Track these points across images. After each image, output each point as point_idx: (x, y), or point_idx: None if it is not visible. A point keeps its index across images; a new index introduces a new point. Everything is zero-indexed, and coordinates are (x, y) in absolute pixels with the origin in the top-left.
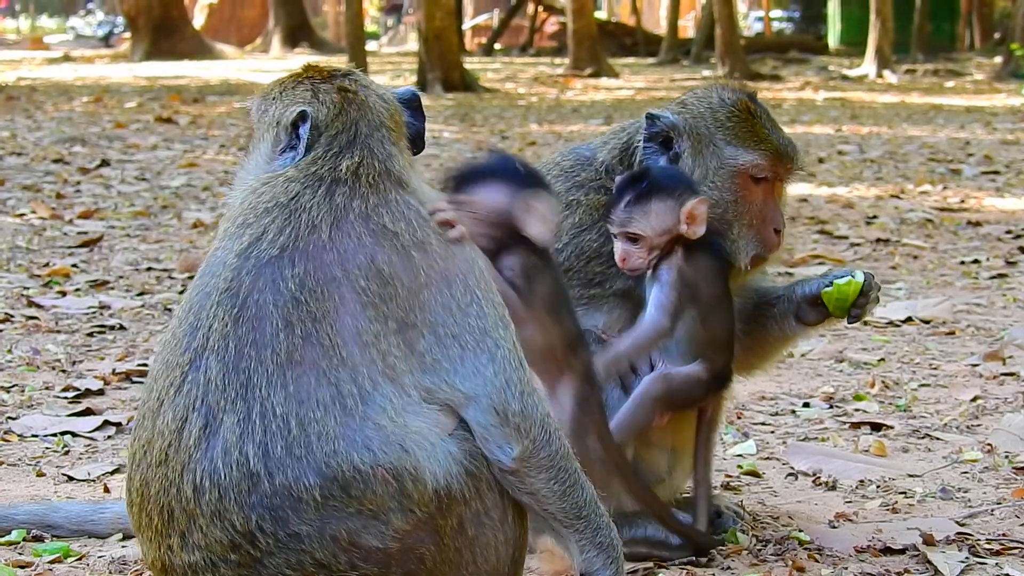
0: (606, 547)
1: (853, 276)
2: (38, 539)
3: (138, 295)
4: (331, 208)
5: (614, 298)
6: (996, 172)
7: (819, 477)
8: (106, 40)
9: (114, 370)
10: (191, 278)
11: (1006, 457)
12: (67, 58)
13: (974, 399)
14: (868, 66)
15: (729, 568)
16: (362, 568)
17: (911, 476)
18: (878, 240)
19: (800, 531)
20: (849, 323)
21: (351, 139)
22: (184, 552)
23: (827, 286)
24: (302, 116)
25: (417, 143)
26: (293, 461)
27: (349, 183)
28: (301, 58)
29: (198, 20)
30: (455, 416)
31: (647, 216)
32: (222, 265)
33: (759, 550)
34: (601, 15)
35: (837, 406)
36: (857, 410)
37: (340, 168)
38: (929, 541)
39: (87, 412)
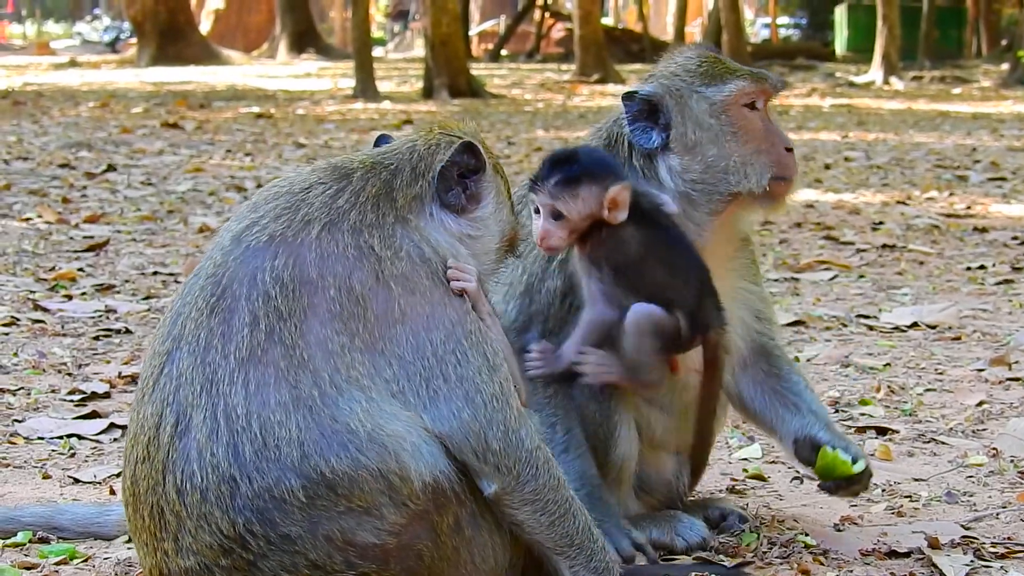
0: (601, 572)
1: (856, 461)
2: (44, 541)
3: (144, 299)
4: (330, 209)
5: None
6: (1003, 178)
7: None
8: (112, 45)
9: (120, 373)
10: None
11: (1011, 461)
12: (73, 63)
13: (980, 404)
14: (875, 72)
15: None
16: (360, 566)
17: (916, 480)
18: (884, 246)
19: (805, 534)
20: (820, 488)
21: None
22: (179, 557)
23: (831, 447)
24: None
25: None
26: (267, 464)
27: (354, 188)
28: (307, 64)
29: (204, 26)
30: None
31: (575, 199)
32: (219, 246)
33: (764, 553)
34: (608, 21)
35: (843, 410)
36: (863, 414)
37: (353, 167)
38: (934, 544)
39: (93, 415)
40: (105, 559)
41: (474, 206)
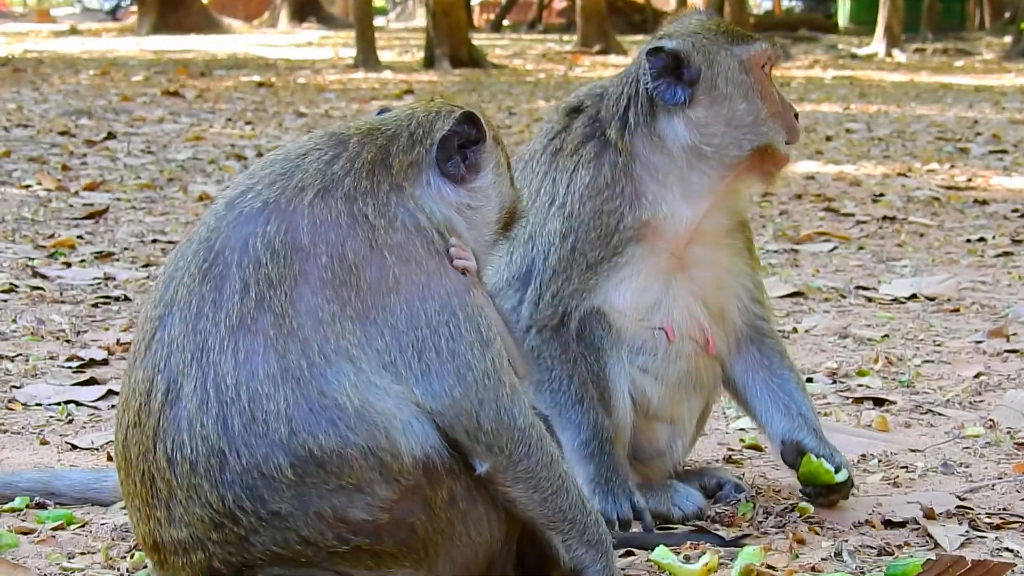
0: (595, 544)
1: (839, 471)
2: (41, 506)
3: (143, 267)
4: (324, 175)
5: (632, 248)
6: (1004, 151)
7: None
8: (113, 13)
9: (118, 340)
10: None
11: (1008, 433)
12: (74, 31)
13: (977, 375)
14: (877, 45)
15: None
16: (353, 541)
17: (913, 451)
18: (884, 218)
19: (801, 504)
20: (801, 493)
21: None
22: (172, 528)
23: (816, 455)
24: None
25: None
26: (255, 439)
27: (350, 154)
28: (308, 33)
29: None
30: None
31: None
32: (213, 212)
33: (760, 522)
34: None
35: (840, 381)
36: (860, 385)
37: (350, 134)
38: (930, 515)
39: (91, 382)
40: (102, 524)
41: (473, 176)
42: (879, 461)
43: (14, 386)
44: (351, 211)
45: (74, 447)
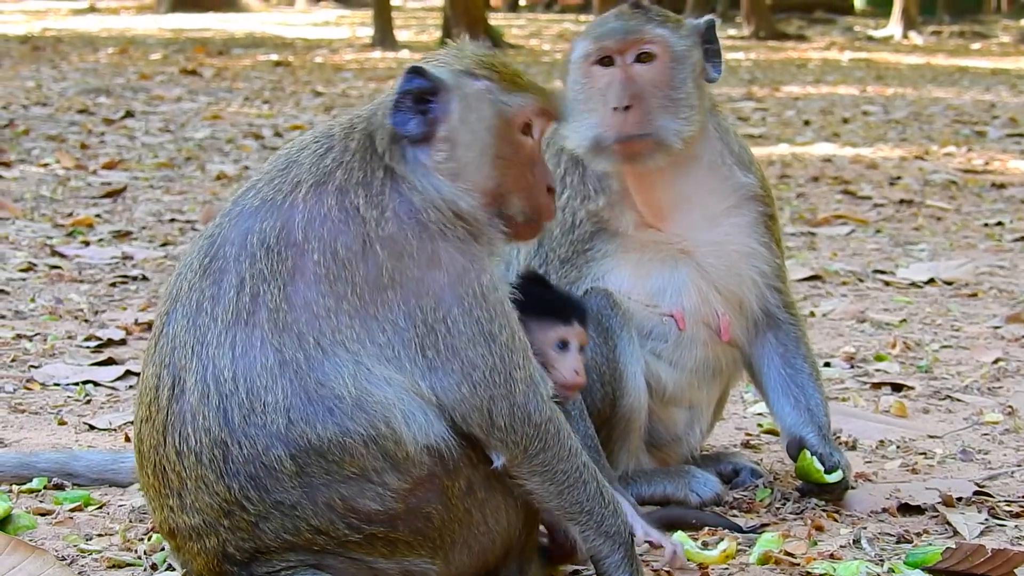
0: (613, 533)
1: (835, 470)
2: (59, 487)
3: (161, 246)
4: (318, 169)
5: (606, 244)
6: (1021, 135)
7: (839, 437)
8: None
9: (136, 320)
10: None
11: None
12: (92, 9)
13: (996, 361)
14: (894, 27)
15: (750, 525)
16: (366, 530)
17: (931, 437)
18: (901, 201)
19: None
20: (798, 488)
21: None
22: (185, 514)
23: (812, 453)
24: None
25: None
26: (255, 430)
27: (340, 146)
28: (326, 12)
29: None
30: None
31: None
32: (222, 210)
33: (778, 508)
34: None
35: (858, 366)
36: (878, 370)
37: (335, 125)
38: (948, 502)
39: (109, 361)
40: (120, 506)
41: (442, 128)
42: (897, 447)
43: (32, 366)
44: (343, 204)
45: (92, 427)
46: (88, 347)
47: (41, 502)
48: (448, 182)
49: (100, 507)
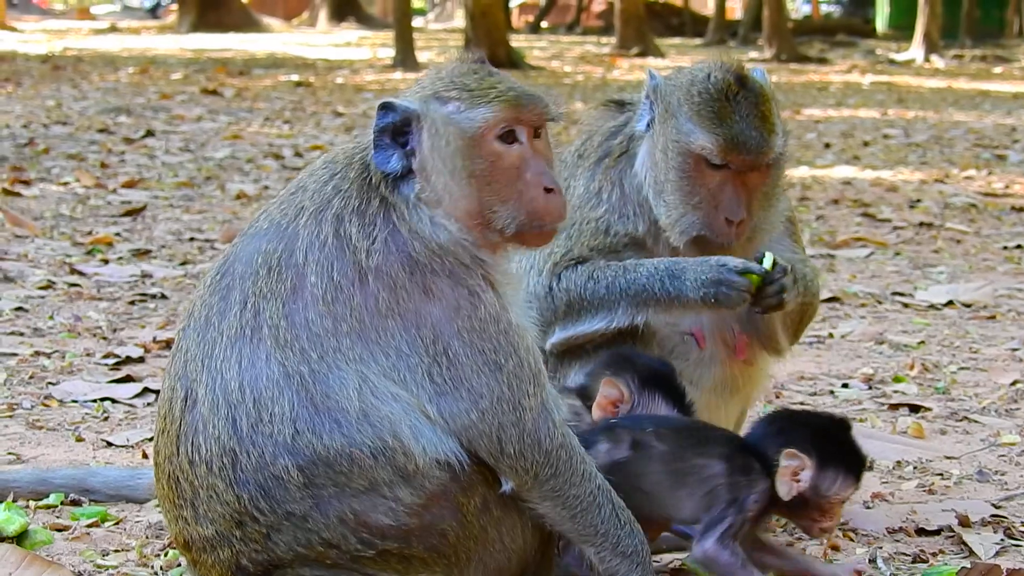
0: (629, 554)
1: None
2: (76, 503)
3: (180, 265)
4: (320, 196)
5: (635, 254)
6: None
7: None
8: (153, 12)
9: (155, 338)
10: None
11: None
12: (113, 29)
13: (1013, 383)
14: (915, 50)
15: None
16: (379, 545)
17: (948, 458)
18: (921, 224)
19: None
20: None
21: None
22: (199, 525)
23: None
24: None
25: None
26: (263, 439)
27: (341, 174)
28: (347, 33)
29: None
30: None
31: None
32: (242, 233)
33: (794, 528)
34: None
35: (876, 387)
36: (896, 392)
37: (338, 155)
38: (964, 523)
39: (127, 379)
40: (137, 522)
41: (416, 160)
42: (914, 468)
43: (50, 383)
44: (338, 232)
45: (109, 444)
46: (106, 364)
47: (58, 518)
48: (431, 212)
49: (117, 523)
